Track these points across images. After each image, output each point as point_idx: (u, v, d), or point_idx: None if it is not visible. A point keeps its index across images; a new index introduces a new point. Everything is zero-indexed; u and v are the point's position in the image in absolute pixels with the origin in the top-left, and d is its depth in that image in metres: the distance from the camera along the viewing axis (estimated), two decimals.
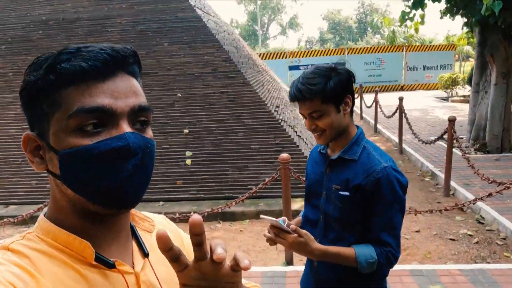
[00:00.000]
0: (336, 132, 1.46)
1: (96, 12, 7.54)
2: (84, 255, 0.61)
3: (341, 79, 1.43)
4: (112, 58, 0.59)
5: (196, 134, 6.02)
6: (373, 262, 1.37)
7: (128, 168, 0.57)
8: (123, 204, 0.60)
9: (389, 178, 1.40)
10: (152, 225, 0.78)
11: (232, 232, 4.78)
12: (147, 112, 0.63)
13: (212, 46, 6.82)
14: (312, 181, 1.61)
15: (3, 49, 7.39)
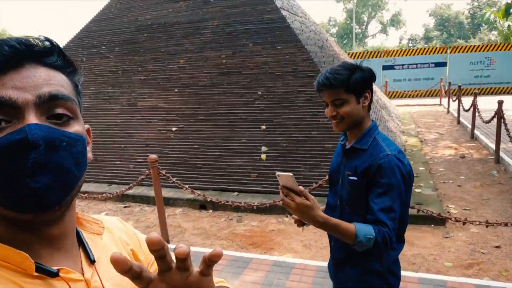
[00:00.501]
0: (353, 121, 1.61)
1: (192, 16, 8.28)
2: (24, 267, 0.56)
3: (364, 75, 1.60)
4: (13, 49, 0.55)
5: (272, 130, 6.28)
6: (371, 239, 1.46)
7: (28, 163, 0.51)
8: (37, 206, 0.54)
9: (390, 164, 1.51)
10: (102, 227, 0.75)
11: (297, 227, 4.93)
12: (64, 102, 0.59)
13: (294, 46, 7.00)
14: (333, 169, 1.79)
15: (116, 50, 8.57)
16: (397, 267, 1.68)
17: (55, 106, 0.58)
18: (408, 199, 1.66)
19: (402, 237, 1.71)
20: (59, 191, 0.56)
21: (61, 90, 0.59)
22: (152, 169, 4.28)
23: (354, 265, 1.67)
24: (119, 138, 7.23)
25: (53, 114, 0.57)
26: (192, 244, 4.59)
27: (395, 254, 1.66)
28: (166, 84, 7.56)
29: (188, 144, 6.65)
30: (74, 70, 0.66)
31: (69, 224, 0.64)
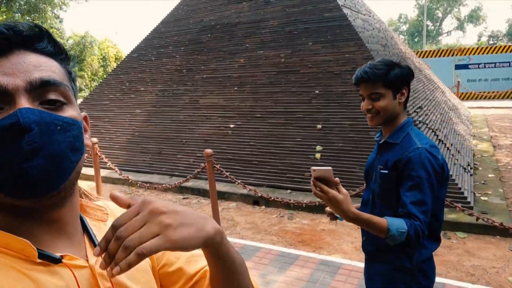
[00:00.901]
0: (388, 116, 1.62)
1: (253, 16, 8.46)
2: (26, 254, 0.56)
3: (403, 72, 1.62)
4: (2, 35, 0.55)
5: (328, 130, 6.23)
6: (404, 232, 1.44)
7: (22, 147, 0.51)
8: (33, 192, 0.53)
9: (421, 157, 1.51)
10: (106, 213, 0.74)
11: (348, 228, 4.85)
12: (57, 87, 0.58)
13: (354, 44, 6.86)
14: (369, 165, 1.80)
15: (182, 50, 9.05)
16: (429, 267, 1.63)
17: (47, 91, 0.57)
18: (442, 195, 1.62)
19: (437, 235, 1.66)
20: (54, 176, 0.55)
21: (52, 75, 0.58)
22: (207, 163, 4.49)
23: (384, 261, 1.66)
24: (181, 133, 7.64)
25: (46, 100, 0.57)
26: (242, 237, 4.73)
27: (426, 253, 1.62)
28: (226, 83, 7.82)
29: (245, 141, 6.83)
30: (66, 58, 0.64)
31: (71, 210, 0.63)
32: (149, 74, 9.17)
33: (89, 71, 22.23)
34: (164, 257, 0.78)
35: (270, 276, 3.57)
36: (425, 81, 9.22)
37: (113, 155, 7.92)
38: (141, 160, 7.58)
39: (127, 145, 8.07)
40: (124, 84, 9.43)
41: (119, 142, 8.24)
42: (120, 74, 9.83)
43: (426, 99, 7.57)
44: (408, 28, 56.46)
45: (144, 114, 8.46)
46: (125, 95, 9.18)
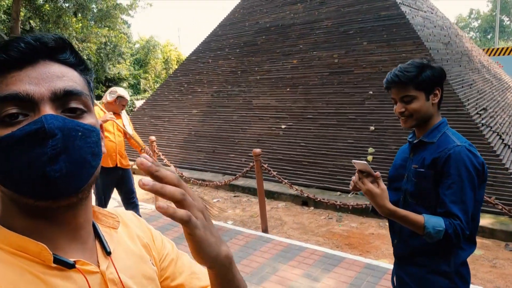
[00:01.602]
0: (421, 118, 1.59)
1: (308, 17, 8.45)
2: (42, 258, 0.58)
3: (434, 72, 1.59)
4: (29, 46, 0.58)
5: (381, 132, 6.06)
6: (441, 230, 1.41)
7: (46, 152, 0.54)
8: (54, 193, 0.55)
9: (461, 155, 1.47)
10: (117, 221, 0.75)
11: None
12: (78, 96, 0.60)
13: (412, 43, 6.59)
14: (397, 166, 1.75)
15: (237, 52, 9.29)
16: (466, 270, 1.57)
17: (69, 100, 0.59)
18: (481, 195, 1.55)
19: (473, 238, 1.59)
20: (76, 179, 0.57)
21: (74, 85, 0.60)
22: (255, 162, 4.60)
23: (419, 265, 1.61)
24: (234, 133, 7.86)
25: (67, 108, 0.59)
26: (289, 237, 4.77)
27: (464, 255, 1.55)
28: (279, 84, 7.91)
29: (296, 142, 6.86)
30: (85, 68, 0.67)
31: (85, 215, 0.65)
32: (205, 75, 9.54)
33: (153, 73, 23.58)
34: (168, 270, 0.81)
35: (313, 277, 3.58)
36: (493, 80, 8.57)
37: (171, 153, 8.36)
38: (196, 158, 7.92)
39: (183, 143, 8.48)
40: (182, 86, 9.90)
41: (177, 140, 8.67)
42: (180, 76, 10.33)
43: (493, 100, 7.04)
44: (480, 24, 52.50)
45: (200, 114, 8.82)
46: (183, 96, 9.63)
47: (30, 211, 0.58)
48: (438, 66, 1.62)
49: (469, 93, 6.31)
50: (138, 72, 22.57)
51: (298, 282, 3.50)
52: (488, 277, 3.66)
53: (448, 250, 1.54)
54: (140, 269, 0.71)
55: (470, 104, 5.85)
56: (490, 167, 4.96)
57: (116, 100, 4.16)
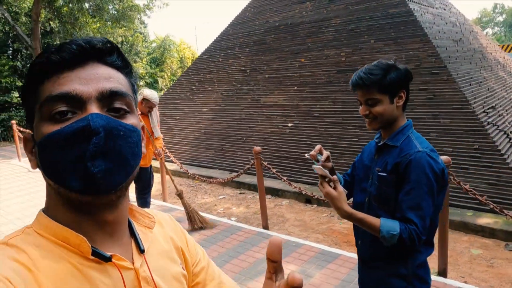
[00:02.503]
0: (385, 121, 1.60)
1: (316, 15, 8.46)
2: (81, 250, 0.61)
3: (399, 75, 1.57)
4: (80, 48, 0.61)
5: None
6: (395, 235, 1.45)
7: (89, 148, 0.56)
8: (96, 189, 0.58)
9: (421, 161, 1.48)
10: (153, 221, 0.77)
11: None
12: (123, 97, 0.63)
13: (419, 41, 6.53)
14: (365, 166, 1.76)
15: (247, 51, 9.38)
16: (424, 272, 1.61)
17: (114, 100, 0.62)
18: (440, 200, 1.57)
19: (431, 240, 1.63)
20: (116, 176, 0.59)
21: (119, 87, 0.64)
22: (256, 160, 4.70)
23: (379, 268, 1.65)
24: (242, 131, 7.97)
25: (112, 108, 0.62)
26: (289, 233, 4.85)
27: (421, 258, 1.59)
28: (286, 82, 7.96)
29: (302, 140, 6.91)
30: (130, 71, 0.70)
31: (122, 212, 0.67)
32: (216, 74, 9.67)
33: (169, 71, 23.93)
34: (199, 276, 0.83)
35: (306, 272, 3.66)
36: (507, 78, 8.37)
37: (181, 151, 8.54)
38: (205, 156, 8.07)
39: (193, 141, 8.64)
40: (194, 84, 10.07)
41: (187, 138, 8.85)
42: (191, 74, 10.50)
43: (504, 98, 6.90)
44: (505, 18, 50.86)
45: (210, 112, 8.96)
46: (194, 94, 9.80)
47: (73, 205, 0.61)
48: (404, 68, 1.60)
49: (478, 91, 6.22)
50: (154, 71, 22.97)
51: None
52: (483, 276, 3.65)
53: (406, 254, 1.57)
54: (171, 270, 0.73)
55: (477, 103, 5.77)
56: (493, 166, 4.91)
57: (142, 102, 4.30)
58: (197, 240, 4.56)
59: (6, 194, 7.14)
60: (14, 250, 0.58)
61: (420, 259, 1.59)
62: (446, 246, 3.49)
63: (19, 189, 7.41)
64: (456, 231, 4.57)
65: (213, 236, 4.64)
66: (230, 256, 4.08)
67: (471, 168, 5.04)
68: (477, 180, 4.91)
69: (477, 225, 4.44)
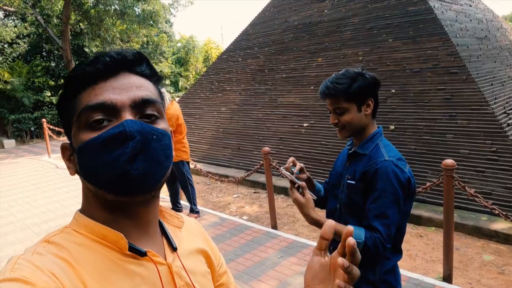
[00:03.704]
0: (355, 129, 1.62)
1: (335, 14, 8.39)
2: (118, 246, 0.65)
3: (366, 83, 1.58)
4: (113, 60, 0.65)
5: (401, 131, 5.94)
6: (360, 243, 1.47)
7: (127, 151, 0.60)
8: (133, 189, 0.62)
9: (387, 170, 1.49)
10: (181, 221, 0.82)
11: (409, 234, 4.63)
12: (153, 104, 0.67)
13: (438, 39, 6.36)
14: (336, 173, 1.78)
15: (265, 50, 9.42)
16: (392, 277, 1.61)
17: (146, 107, 0.66)
18: (408, 208, 1.58)
19: (399, 247, 1.63)
20: (151, 177, 0.63)
21: (150, 94, 0.68)
22: (264, 160, 4.74)
23: None
24: (258, 130, 8.03)
25: (144, 114, 0.66)
26: (298, 234, 4.87)
27: (389, 264, 1.60)
28: (303, 82, 7.95)
29: (317, 140, 6.89)
30: (158, 79, 0.74)
31: (154, 212, 0.72)
32: (235, 74, 9.77)
33: (193, 71, 24.31)
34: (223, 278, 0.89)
35: None
36: None
37: (200, 149, 8.70)
38: (222, 155, 8.19)
39: (211, 140, 8.78)
40: (213, 84, 10.22)
41: (205, 137, 9.00)
42: (211, 74, 10.65)
43: None
44: None
45: (228, 112, 9.08)
46: (214, 94, 9.94)
47: (110, 205, 0.65)
48: (372, 76, 1.61)
49: (500, 91, 5.99)
50: (179, 70, 23.40)
51: (294, 278, 3.61)
52: (491, 283, 3.55)
53: (373, 260, 1.58)
54: (200, 268, 0.78)
55: (497, 103, 5.57)
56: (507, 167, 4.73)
57: None
58: None
59: (34, 189, 7.54)
60: (56, 247, 0.62)
61: (388, 265, 1.60)
62: (451, 251, 3.42)
63: (46, 185, 7.79)
64: (469, 236, 4.45)
65: (221, 235, 4.73)
66: (235, 255, 4.15)
67: (487, 171, 4.88)
68: (494, 183, 4.75)
69: (491, 230, 4.31)
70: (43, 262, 0.58)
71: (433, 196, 5.02)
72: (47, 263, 0.58)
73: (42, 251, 0.60)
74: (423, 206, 5.00)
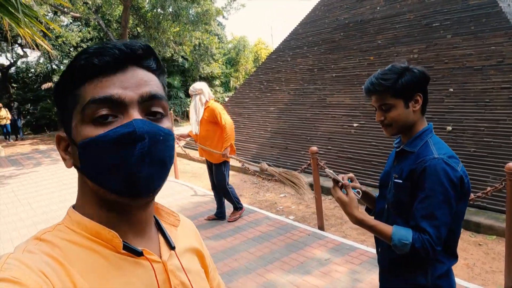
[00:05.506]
0: (402, 126, 1.55)
1: (388, 11, 8.09)
2: (113, 244, 0.63)
3: (413, 78, 1.51)
4: (122, 53, 0.62)
5: (460, 132, 5.59)
6: (407, 244, 1.41)
7: (135, 154, 0.58)
8: (137, 192, 0.60)
9: (436, 168, 1.42)
10: (178, 219, 0.80)
11: (467, 243, 4.34)
12: (160, 101, 0.65)
13: (504, 34, 5.91)
14: (385, 173, 1.72)
15: (315, 50, 9.32)
16: (445, 283, 1.51)
17: (152, 104, 0.64)
18: (462, 209, 1.48)
19: (453, 251, 1.53)
20: (156, 179, 0.62)
21: (157, 90, 0.65)
22: (312, 160, 4.69)
23: (398, 276, 1.60)
24: (307, 130, 7.95)
25: (150, 111, 0.64)
26: (345, 236, 4.76)
27: (442, 268, 1.50)
28: (354, 81, 7.75)
29: (367, 141, 6.70)
30: (162, 72, 0.70)
31: (150, 211, 0.71)
32: (284, 74, 9.76)
33: (243, 71, 24.62)
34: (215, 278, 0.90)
35: (356, 276, 3.58)
36: None
37: (248, 148, 8.79)
38: (270, 154, 8.21)
39: (259, 139, 8.84)
40: (262, 84, 10.28)
41: (254, 136, 9.08)
42: (260, 74, 10.72)
43: None
44: None
45: (276, 111, 9.09)
46: (263, 94, 10.00)
47: (108, 204, 0.64)
48: (420, 70, 1.53)
49: None
50: (229, 71, 23.81)
51: (340, 280, 3.53)
52: None
53: (425, 263, 1.51)
54: (195, 266, 0.78)
55: None
56: None
57: None
58: (250, 236, 4.71)
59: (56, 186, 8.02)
60: (47, 244, 0.60)
61: (441, 270, 1.51)
62: None
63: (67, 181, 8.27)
64: None
65: (268, 233, 4.74)
66: (281, 254, 4.15)
67: None
68: None
69: None
70: (33, 261, 0.56)
71: (495, 203, 4.68)
72: (38, 262, 0.56)
73: (33, 249, 0.59)
74: (483, 213, 4.68)
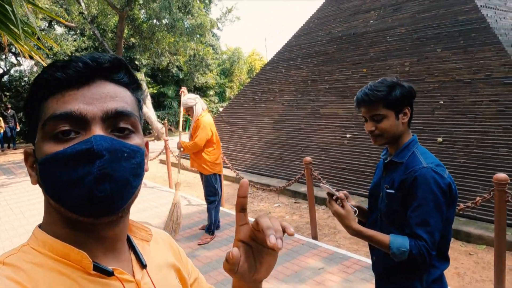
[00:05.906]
0: (392, 137, 1.64)
1: (381, 25, 8.28)
2: (82, 265, 0.60)
3: (404, 92, 1.62)
4: (87, 66, 0.60)
5: (450, 144, 5.72)
6: (405, 251, 1.47)
7: (93, 171, 0.55)
8: (98, 211, 0.57)
9: (426, 177, 1.49)
10: (150, 234, 0.77)
11: (458, 252, 4.42)
12: (128, 117, 0.62)
13: (492, 49, 6.09)
14: (374, 184, 1.79)
15: (308, 62, 9.47)
16: (439, 287, 1.59)
17: (119, 120, 0.61)
18: (451, 215, 1.56)
19: (445, 255, 1.60)
20: (118, 199, 0.58)
21: (125, 106, 0.62)
22: (306, 170, 4.76)
23: (394, 282, 1.66)
24: (301, 141, 8.04)
25: (116, 128, 0.61)
26: (339, 246, 4.81)
27: (435, 273, 1.57)
28: (347, 93, 7.89)
29: (359, 151, 6.80)
30: (137, 87, 0.68)
31: (123, 228, 0.67)
32: (278, 85, 9.89)
33: (238, 82, 24.83)
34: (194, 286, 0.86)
35: (349, 284, 3.63)
36: None
37: (242, 158, 8.85)
38: (264, 164, 8.28)
39: (254, 149, 8.91)
40: (256, 94, 10.39)
41: (248, 146, 9.15)
42: (255, 85, 10.85)
43: None
44: None
45: (270, 122, 9.18)
46: (257, 104, 10.10)
47: (72, 224, 0.60)
48: (409, 85, 1.64)
49: None
50: (223, 81, 24.01)
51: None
52: None
53: (420, 268, 1.57)
54: (170, 282, 0.74)
55: None
56: None
57: None
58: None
59: None
60: (11, 269, 0.56)
61: (435, 274, 1.59)
62: (503, 271, 3.25)
63: None
64: None
65: None
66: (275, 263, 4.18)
67: None
68: None
69: None
70: None
71: (484, 213, 4.78)
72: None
73: None
74: (473, 223, 4.77)
